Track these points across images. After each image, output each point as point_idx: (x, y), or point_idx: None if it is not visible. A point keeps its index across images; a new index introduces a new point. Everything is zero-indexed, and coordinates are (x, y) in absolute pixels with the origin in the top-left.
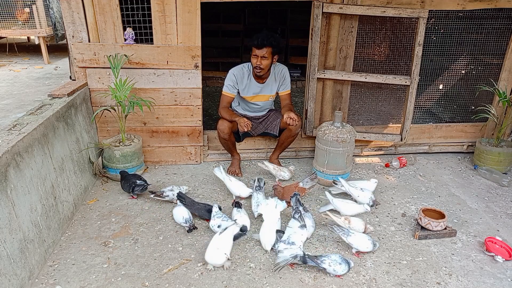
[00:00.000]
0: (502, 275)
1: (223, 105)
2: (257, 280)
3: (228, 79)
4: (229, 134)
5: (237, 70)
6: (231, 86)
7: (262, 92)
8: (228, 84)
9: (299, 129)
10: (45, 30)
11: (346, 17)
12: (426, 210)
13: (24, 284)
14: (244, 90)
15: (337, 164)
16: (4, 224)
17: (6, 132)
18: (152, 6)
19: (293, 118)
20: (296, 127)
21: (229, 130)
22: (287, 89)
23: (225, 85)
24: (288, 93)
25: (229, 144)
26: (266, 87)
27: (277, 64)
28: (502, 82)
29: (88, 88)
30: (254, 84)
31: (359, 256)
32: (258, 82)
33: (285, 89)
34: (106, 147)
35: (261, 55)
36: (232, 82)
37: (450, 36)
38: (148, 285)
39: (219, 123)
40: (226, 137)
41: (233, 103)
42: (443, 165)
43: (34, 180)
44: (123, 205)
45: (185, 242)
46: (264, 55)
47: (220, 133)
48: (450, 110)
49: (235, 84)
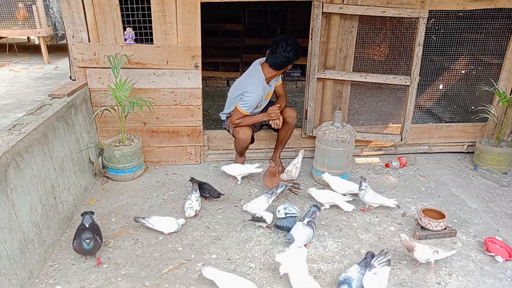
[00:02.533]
0: (502, 275)
1: (238, 117)
2: (257, 280)
3: (253, 99)
4: (249, 140)
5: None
6: (254, 106)
7: (269, 90)
8: (251, 105)
9: (295, 120)
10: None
11: (346, 17)
12: (426, 210)
13: (24, 284)
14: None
15: (337, 164)
16: (4, 224)
17: (6, 132)
18: (152, 6)
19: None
20: (292, 118)
21: (251, 137)
22: (279, 80)
23: (249, 105)
24: (280, 84)
25: (245, 148)
26: (271, 85)
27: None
28: (502, 82)
29: (88, 88)
30: (267, 88)
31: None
32: (267, 84)
33: (278, 80)
34: (106, 147)
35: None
36: (255, 103)
37: (450, 36)
38: (148, 285)
39: (241, 132)
40: (248, 143)
41: None
42: (443, 165)
43: (34, 180)
44: (123, 205)
45: (185, 242)
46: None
47: (242, 142)
48: (450, 110)
49: (257, 104)
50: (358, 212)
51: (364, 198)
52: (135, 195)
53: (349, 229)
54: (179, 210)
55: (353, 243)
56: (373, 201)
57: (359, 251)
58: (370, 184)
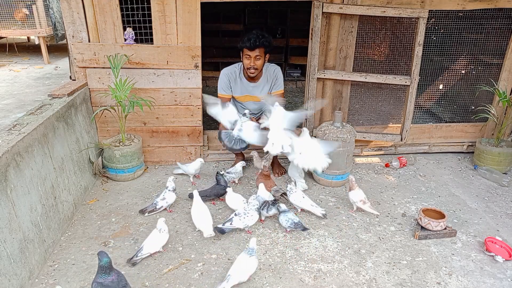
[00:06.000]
0: (502, 275)
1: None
2: (257, 280)
3: (220, 80)
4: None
5: (228, 70)
6: (225, 86)
7: (253, 92)
8: (221, 86)
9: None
10: (45, 30)
11: (346, 17)
12: (426, 210)
13: (24, 284)
14: (235, 90)
15: (337, 164)
16: (4, 224)
17: (6, 132)
18: (152, 6)
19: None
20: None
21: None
22: (279, 88)
23: (219, 87)
24: (281, 93)
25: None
26: (257, 87)
27: (269, 65)
28: (502, 82)
29: (88, 88)
30: (246, 83)
31: None
32: (250, 81)
33: (277, 88)
34: (106, 147)
35: (254, 55)
36: (225, 83)
37: (450, 36)
38: (148, 285)
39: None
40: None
41: None
42: (443, 165)
43: (34, 180)
44: (123, 205)
45: (185, 242)
46: (257, 55)
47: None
48: (450, 110)
49: (227, 84)
50: (358, 212)
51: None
52: (135, 195)
53: (349, 229)
54: (179, 210)
55: (353, 243)
56: (298, 204)
57: (359, 251)
58: (371, 184)
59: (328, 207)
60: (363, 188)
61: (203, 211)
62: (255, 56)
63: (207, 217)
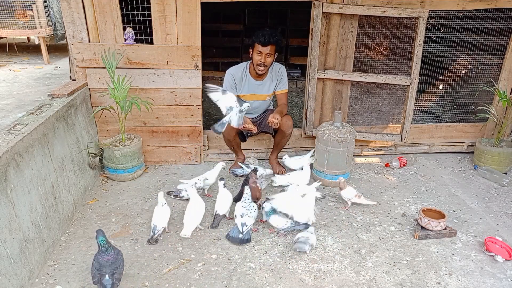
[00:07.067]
0: (502, 275)
1: None
2: (257, 280)
3: (226, 80)
4: (234, 135)
5: (233, 70)
6: (230, 86)
7: (258, 91)
8: (226, 85)
9: (291, 129)
10: (45, 30)
11: (346, 17)
12: (426, 210)
13: (24, 284)
14: (241, 89)
15: (337, 164)
16: (4, 224)
17: (6, 132)
18: (152, 6)
19: (273, 122)
20: (287, 127)
21: (234, 132)
22: (284, 88)
23: (224, 86)
24: (285, 92)
25: (234, 145)
26: (263, 85)
27: (275, 63)
28: (502, 82)
29: (88, 88)
30: (251, 81)
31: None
32: (256, 80)
33: (282, 88)
34: (106, 147)
35: (266, 52)
36: (229, 82)
37: (450, 36)
38: (148, 285)
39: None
40: (231, 138)
41: None
42: (443, 165)
43: (34, 180)
44: (123, 205)
45: (185, 242)
46: (269, 52)
47: (226, 135)
48: (450, 110)
49: (232, 83)
50: (358, 212)
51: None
52: (135, 195)
53: (349, 229)
54: (179, 210)
55: (353, 243)
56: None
57: (359, 251)
58: (371, 184)
59: (328, 207)
60: (363, 188)
61: (196, 210)
62: (267, 53)
63: (195, 217)
